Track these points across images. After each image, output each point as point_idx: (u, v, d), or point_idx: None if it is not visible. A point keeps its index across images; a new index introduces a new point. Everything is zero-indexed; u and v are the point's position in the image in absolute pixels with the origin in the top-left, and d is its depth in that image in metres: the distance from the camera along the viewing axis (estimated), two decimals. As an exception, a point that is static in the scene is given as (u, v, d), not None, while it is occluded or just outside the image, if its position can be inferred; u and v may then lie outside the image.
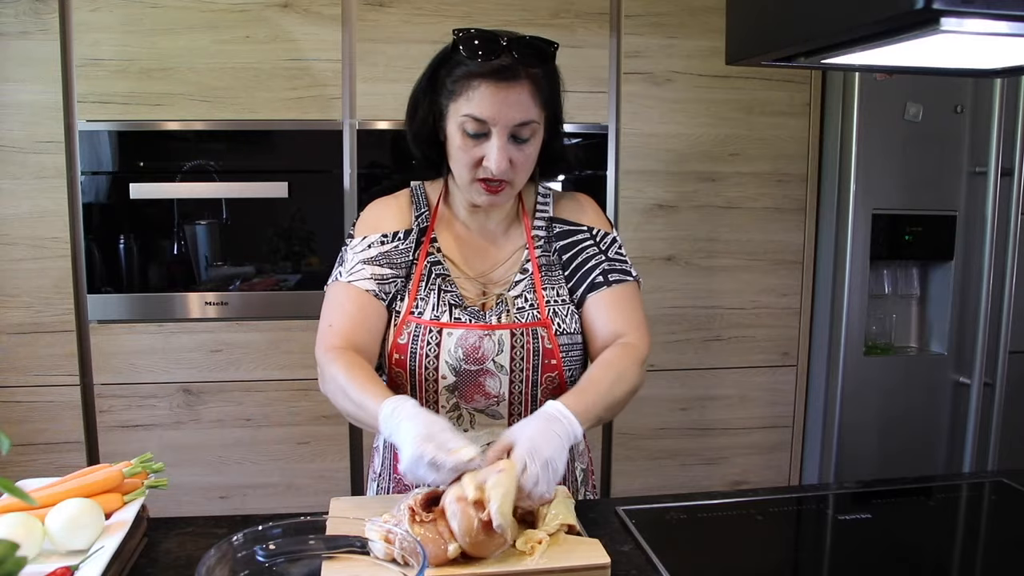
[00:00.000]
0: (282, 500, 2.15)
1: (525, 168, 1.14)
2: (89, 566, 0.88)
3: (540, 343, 1.16)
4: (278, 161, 2.07)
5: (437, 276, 1.19)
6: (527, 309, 1.18)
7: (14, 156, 1.97)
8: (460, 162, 1.13)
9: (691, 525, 1.13)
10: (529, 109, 1.08)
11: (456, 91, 1.09)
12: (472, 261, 1.23)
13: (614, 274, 1.21)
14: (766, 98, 2.25)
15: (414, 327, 1.16)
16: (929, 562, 1.08)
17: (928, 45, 0.81)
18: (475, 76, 1.06)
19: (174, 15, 1.98)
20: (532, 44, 1.09)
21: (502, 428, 1.16)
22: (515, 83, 1.06)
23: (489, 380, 1.15)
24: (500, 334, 1.15)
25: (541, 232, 1.24)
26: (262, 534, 0.83)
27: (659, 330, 2.28)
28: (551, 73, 1.14)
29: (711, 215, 2.27)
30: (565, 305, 1.20)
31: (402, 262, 1.20)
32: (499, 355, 1.15)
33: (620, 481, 2.32)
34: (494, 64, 1.06)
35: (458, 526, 0.87)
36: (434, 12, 2.06)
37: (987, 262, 2.24)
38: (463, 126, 1.09)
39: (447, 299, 1.18)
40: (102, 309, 2.05)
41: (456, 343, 1.14)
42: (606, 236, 1.26)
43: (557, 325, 1.17)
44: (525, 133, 1.10)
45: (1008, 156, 2.20)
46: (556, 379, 1.18)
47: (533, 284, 1.20)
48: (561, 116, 1.20)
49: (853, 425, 2.30)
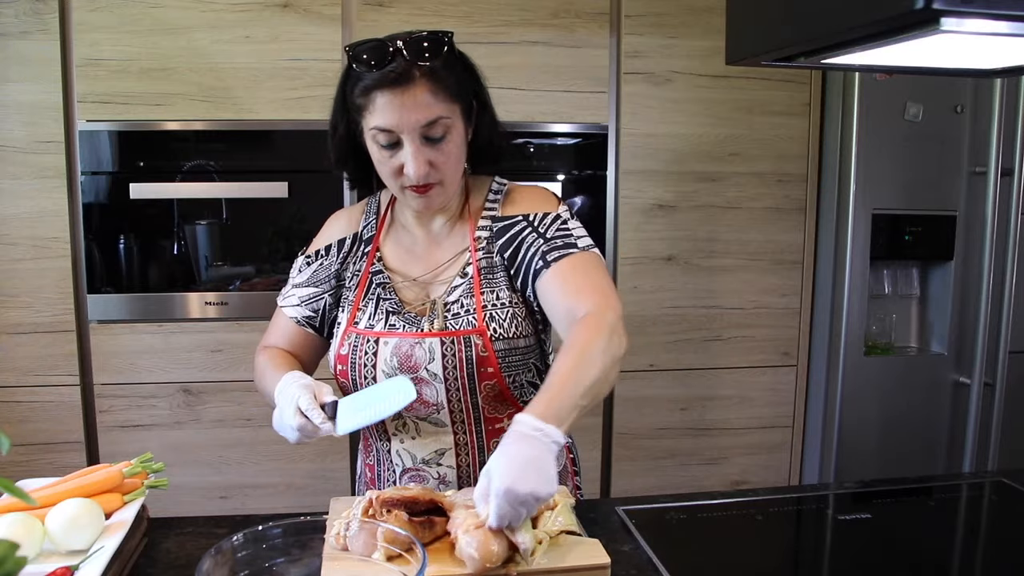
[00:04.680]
0: (282, 500, 2.15)
1: (449, 166, 1.11)
2: (89, 566, 0.88)
3: (474, 351, 1.11)
4: (278, 161, 2.07)
5: (377, 285, 1.19)
6: (463, 315, 1.14)
7: (14, 156, 1.97)
8: (384, 174, 1.12)
9: (691, 525, 1.13)
10: (431, 107, 1.05)
11: (361, 106, 1.08)
12: (414, 265, 1.21)
13: (553, 252, 1.13)
14: (766, 98, 2.25)
15: (354, 337, 1.16)
16: (929, 562, 1.08)
17: (928, 45, 0.81)
18: (372, 88, 1.05)
19: (174, 15, 1.98)
20: (420, 40, 1.05)
21: (447, 436, 1.16)
22: (410, 85, 1.04)
23: (425, 388, 1.13)
24: (430, 342, 1.12)
25: (485, 233, 1.19)
26: (262, 534, 0.83)
27: (659, 330, 2.28)
28: (452, 63, 1.09)
29: (711, 215, 2.27)
30: (505, 309, 1.15)
31: (325, 276, 1.24)
32: (431, 363, 1.12)
33: (620, 481, 2.32)
34: (386, 72, 1.04)
35: (477, 552, 0.86)
36: (434, 12, 2.06)
37: (987, 262, 2.24)
38: (375, 139, 1.08)
39: (385, 307, 1.17)
40: (102, 309, 2.05)
41: (391, 352, 1.13)
42: (545, 217, 1.17)
43: (493, 331, 1.12)
44: (437, 132, 1.07)
45: (1008, 156, 2.20)
46: (496, 387, 1.14)
47: (471, 289, 1.16)
48: (485, 101, 1.16)
49: (853, 425, 2.30)
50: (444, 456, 1.17)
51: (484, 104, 1.17)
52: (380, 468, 1.23)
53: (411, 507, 0.93)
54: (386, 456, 1.21)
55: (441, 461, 1.17)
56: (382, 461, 1.22)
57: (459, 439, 1.17)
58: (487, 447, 1.17)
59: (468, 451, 1.17)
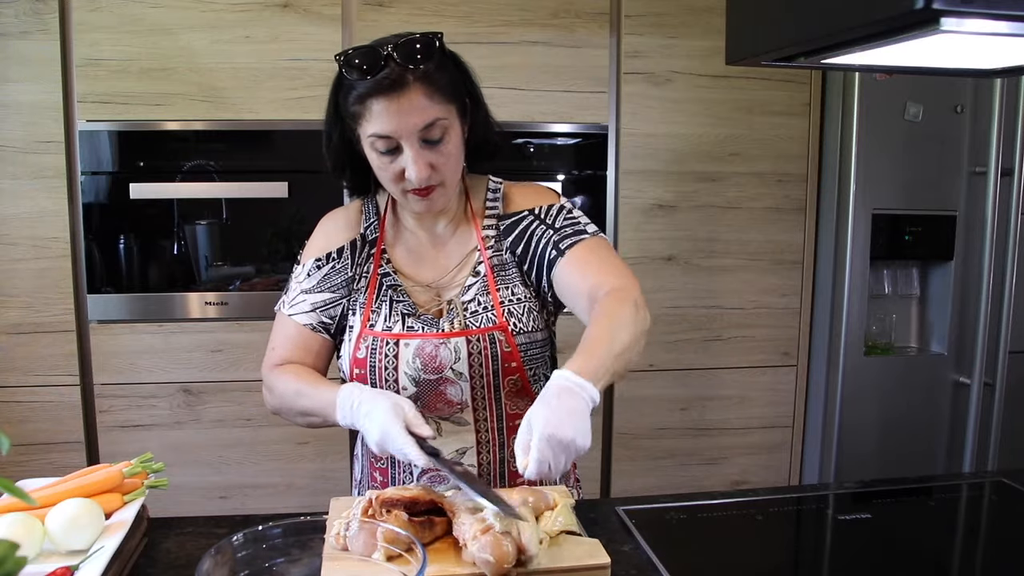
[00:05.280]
0: (282, 500, 2.15)
1: (450, 167, 1.11)
2: (89, 566, 0.88)
3: (498, 347, 1.13)
4: (278, 161, 2.07)
5: (388, 287, 1.19)
6: (481, 313, 1.15)
7: (14, 156, 1.97)
8: (384, 180, 1.12)
9: (691, 525, 1.13)
10: (428, 110, 1.05)
11: (357, 114, 1.07)
12: (423, 268, 1.21)
13: (565, 241, 1.15)
14: (766, 98, 2.25)
15: (371, 340, 1.15)
16: (929, 562, 1.08)
17: (928, 45, 0.81)
18: (367, 96, 1.05)
19: (174, 15, 1.98)
20: (411, 44, 1.05)
21: (469, 435, 1.16)
22: (405, 90, 1.03)
23: (450, 388, 1.14)
24: (456, 342, 1.13)
25: (491, 232, 1.21)
26: (262, 534, 0.83)
27: (659, 330, 2.28)
28: (444, 64, 1.09)
29: (711, 215, 2.27)
30: (521, 304, 1.17)
31: (341, 281, 1.21)
32: (457, 363, 1.13)
33: (620, 481, 2.32)
34: (379, 78, 1.03)
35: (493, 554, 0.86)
36: (434, 12, 2.06)
37: (987, 262, 2.24)
38: (374, 146, 1.08)
39: (399, 309, 1.17)
40: (102, 309, 2.05)
41: (414, 353, 1.13)
42: (550, 208, 1.20)
43: (513, 325, 1.15)
44: (435, 134, 1.07)
45: (1008, 156, 2.20)
46: (519, 381, 1.16)
47: (487, 287, 1.17)
48: (479, 99, 1.16)
49: (853, 425, 2.30)
50: (466, 455, 1.17)
51: (478, 102, 1.17)
52: (395, 470, 1.21)
53: (411, 507, 0.93)
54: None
55: (463, 460, 1.17)
56: (398, 463, 1.21)
57: (481, 437, 1.17)
58: (508, 444, 1.18)
59: (490, 448, 1.18)
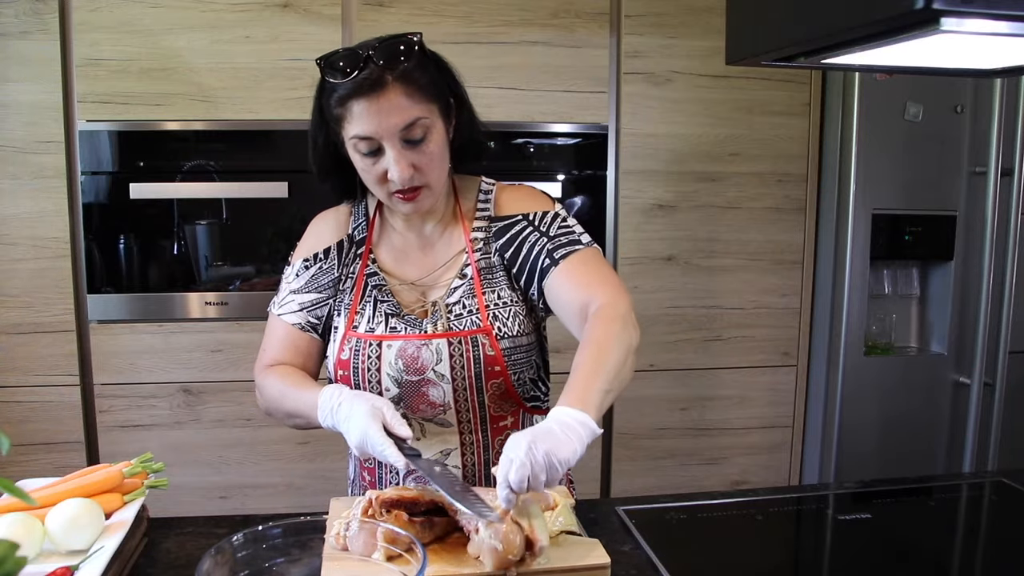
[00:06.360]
0: (282, 500, 2.15)
1: (434, 167, 1.10)
2: (89, 566, 0.88)
3: (481, 350, 1.13)
4: (278, 161, 2.07)
5: (373, 287, 1.19)
6: (466, 316, 1.15)
7: (14, 156, 1.97)
8: (369, 182, 1.12)
9: (691, 525, 1.13)
10: (408, 110, 1.05)
11: (339, 116, 1.08)
12: (408, 267, 1.21)
13: (560, 250, 1.15)
14: (766, 98, 2.25)
15: (355, 342, 1.16)
16: (929, 562, 1.08)
17: (928, 45, 0.81)
18: (347, 98, 1.05)
19: (174, 15, 1.98)
20: (390, 44, 1.05)
21: (453, 436, 1.17)
22: (384, 90, 1.04)
23: (432, 389, 1.14)
24: (437, 343, 1.13)
25: (480, 234, 1.20)
26: (262, 534, 0.83)
27: (659, 330, 2.28)
28: (425, 64, 1.08)
29: (711, 215, 2.27)
30: (507, 307, 1.16)
31: (328, 282, 1.21)
32: (438, 364, 1.13)
33: (620, 481, 2.32)
34: (359, 79, 1.04)
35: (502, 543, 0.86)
36: (434, 12, 2.06)
37: (987, 262, 2.24)
38: (356, 147, 1.08)
39: (383, 309, 1.17)
40: (102, 309, 2.05)
41: (396, 354, 1.13)
42: (545, 215, 1.19)
43: (498, 329, 1.14)
44: (417, 134, 1.06)
45: (1008, 156, 2.20)
46: (502, 385, 1.15)
47: (473, 289, 1.16)
48: (463, 98, 1.16)
49: (853, 425, 2.30)
50: (450, 456, 1.17)
51: (462, 101, 1.16)
52: (381, 470, 1.22)
53: (411, 507, 0.93)
54: None
55: (447, 461, 1.17)
56: (383, 463, 1.21)
57: (465, 439, 1.17)
58: (492, 445, 1.18)
59: (474, 450, 1.18)
